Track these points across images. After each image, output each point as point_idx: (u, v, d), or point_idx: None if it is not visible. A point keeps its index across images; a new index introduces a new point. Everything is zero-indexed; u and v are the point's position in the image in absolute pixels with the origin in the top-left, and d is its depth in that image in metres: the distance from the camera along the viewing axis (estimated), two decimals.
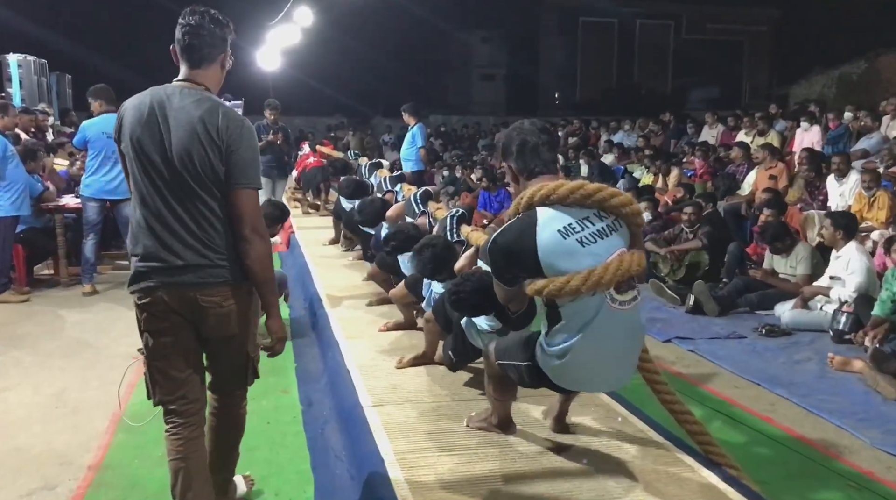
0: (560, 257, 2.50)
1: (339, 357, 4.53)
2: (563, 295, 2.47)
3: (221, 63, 2.60)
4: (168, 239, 2.45)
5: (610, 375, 2.72)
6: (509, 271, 2.63)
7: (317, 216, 11.14)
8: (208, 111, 2.43)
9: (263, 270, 2.50)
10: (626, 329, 2.62)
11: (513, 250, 2.56)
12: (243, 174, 2.44)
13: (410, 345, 4.76)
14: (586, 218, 2.54)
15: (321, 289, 6.29)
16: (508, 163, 2.77)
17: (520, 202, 2.62)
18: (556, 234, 2.51)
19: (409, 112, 10.10)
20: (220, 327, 2.52)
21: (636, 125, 15.12)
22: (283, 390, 4.53)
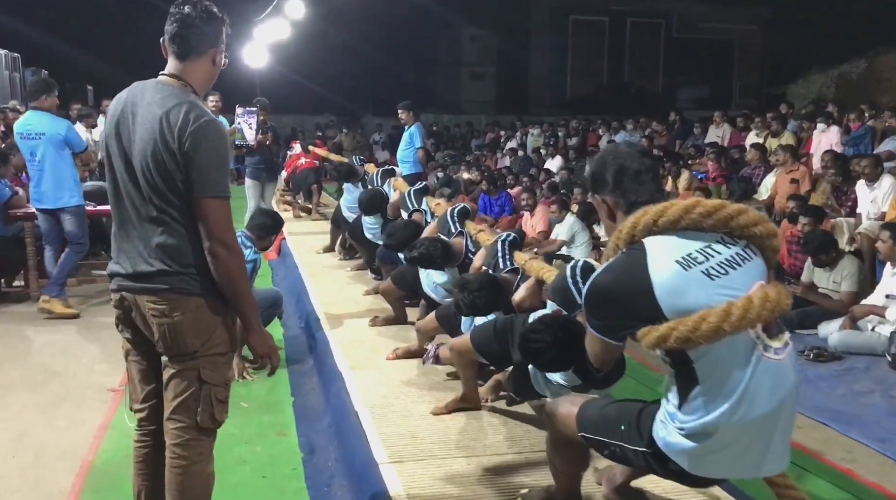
0: (685, 293, 1.91)
1: (344, 396, 3.91)
2: (697, 341, 1.85)
3: (212, 58, 2.39)
4: (126, 244, 2.33)
5: (771, 453, 2.03)
6: (615, 322, 2.03)
7: (308, 221, 10.52)
8: (171, 109, 2.22)
9: (233, 284, 2.27)
10: (785, 386, 1.99)
11: (619, 293, 1.99)
12: (203, 182, 2.21)
13: (428, 380, 4.15)
14: (708, 246, 1.96)
15: (318, 306, 5.67)
16: (602, 196, 2.20)
17: (619, 237, 2.04)
18: (676, 265, 1.93)
19: (406, 110, 9.47)
20: (167, 341, 2.29)
21: (639, 125, 14.61)
22: (279, 433, 3.91)
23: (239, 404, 4.19)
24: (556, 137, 15.91)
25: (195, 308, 2.27)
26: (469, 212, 4.88)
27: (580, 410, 2.35)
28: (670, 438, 2.03)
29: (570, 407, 2.39)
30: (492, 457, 3.24)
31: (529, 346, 2.70)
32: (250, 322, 2.34)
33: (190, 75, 2.34)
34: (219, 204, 2.24)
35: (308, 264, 7.25)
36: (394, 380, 4.13)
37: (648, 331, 1.92)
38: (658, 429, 2.07)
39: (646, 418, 2.15)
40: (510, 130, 18.24)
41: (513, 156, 14.99)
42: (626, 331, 2.01)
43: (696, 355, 1.92)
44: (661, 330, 1.89)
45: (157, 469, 2.42)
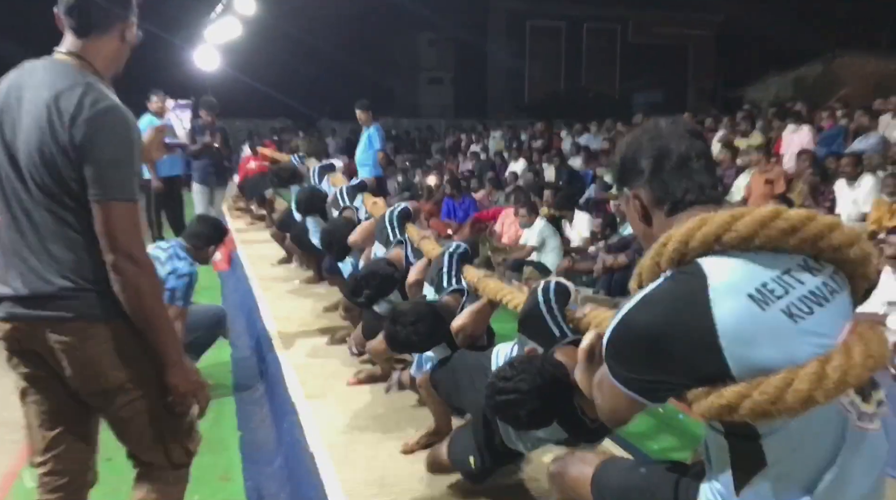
0: (759, 342, 1.35)
1: (297, 433, 3.37)
2: (778, 414, 1.32)
3: (120, 34, 1.99)
4: (14, 259, 1.90)
5: None
6: (656, 377, 1.43)
7: (263, 229, 9.90)
8: (62, 93, 1.83)
9: (142, 307, 1.88)
10: (880, 461, 1.48)
11: (667, 339, 1.39)
12: (101, 182, 1.82)
13: (396, 410, 3.63)
14: (788, 273, 1.41)
15: (271, 324, 5.10)
16: (635, 190, 1.61)
17: (662, 252, 1.47)
18: (749, 302, 1.36)
19: (364, 109, 8.92)
20: (82, 377, 1.92)
21: (603, 126, 14.31)
22: (222, 477, 3.35)
23: None
24: (518, 139, 15.53)
25: (111, 335, 1.91)
26: (411, 214, 4.24)
27: (597, 473, 1.81)
28: None
29: (582, 468, 1.85)
30: None
31: (499, 399, 2.16)
32: (167, 354, 1.94)
33: (92, 54, 1.95)
34: (122, 209, 1.84)
35: (261, 277, 6.66)
36: (356, 411, 3.61)
37: (706, 395, 1.36)
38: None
39: (685, 491, 1.62)
40: (471, 134, 17.83)
41: (475, 159, 14.55)
42: (669, 391, 1.44)
43: (767, 429, 1.38)
44: (728, 397, 1.34)
45: None
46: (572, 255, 7.47)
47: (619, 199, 1.73)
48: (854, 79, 17.23)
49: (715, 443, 1.49)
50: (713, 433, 1.48)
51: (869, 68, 17.59)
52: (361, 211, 4.98)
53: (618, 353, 1.48)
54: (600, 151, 12.63)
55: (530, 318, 2.40)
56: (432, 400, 3.10)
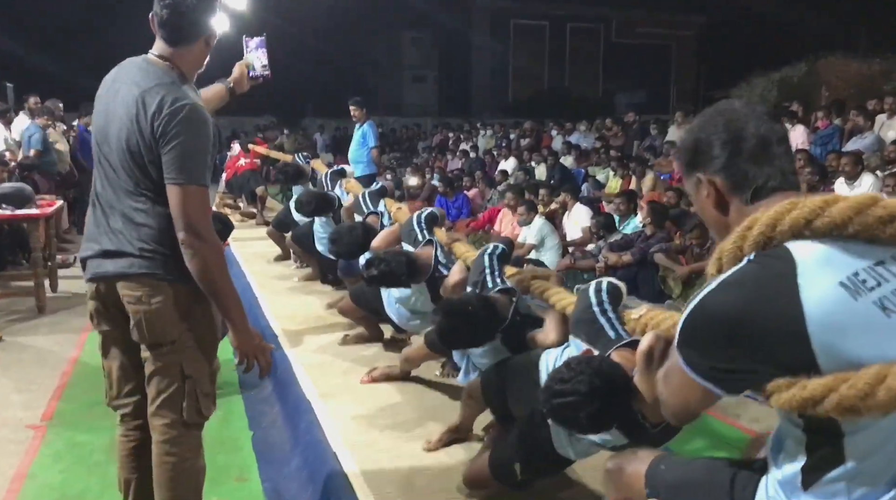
0: (850, 333, 1.28)
1: (317, 432, 3.27)
2: (868, 411, 1.24)
3: (205, 42, 2.27)
4: (104, 228, 2.22)
5: None
6: (734, 365, 1.35)
7: (254, 226, 9.76)
8: (149, 90, 2.12)
9: (210, 278, 2.12)
10: None
11: (750, 322, 1.30)
12: (176, 167, 2.10)
13: (414, 407, 3.55)
14: (881, 264, 1.32)
15: (274, 322, 4.99)
16: (708, 175, 1.51)
17: (746, 236, 1.39)
18: (841, 289, 1.29)
19: (358, 106, 8.83)
20: (144, 328, 2.19)
21: (594, 126, 14.31)
22: (238, 478, 3.25)
23: None
24: (507, 138, 15.48)
25: (173, 295, 2.17)
26: (438, 217, 4.18)
27: (651, 468, 1.74)
28: None
29: (637, 465, 1.77)
30: None
31: (557, 402, 2.07)
32: (231, 319, 2.18)
33: (179, 60, 2.22)
34: (191, 191, 2.09)
35: (258, 274, 6.54)
36: (373, 410, 3.52)
37: (788, 386, 1.28)
38: None
39: (744, 487, 1.54)
40: (459, 132, 17.76)
41: (465, 158, 14.48)
42: (747, 380, 1.35)
43: (852, 427, 1.30)
44: (812, 390, 1.25)
45: (144, 463, 2.33)
46: (571, 251, 7.43)
47: (687, 184, 1.60)
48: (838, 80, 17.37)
49: (790, 436, 1.41)
50: (790, 425, 1.40)
51: (852, 70, 17.73)
52: (385, 217, 4.89)
53: (693, 338, 1.39)
54: (591, 150, 12.64)
55: (583, 321, 2.34)
56: (473, 406, 3.01)
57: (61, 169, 9.01)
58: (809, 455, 1.38)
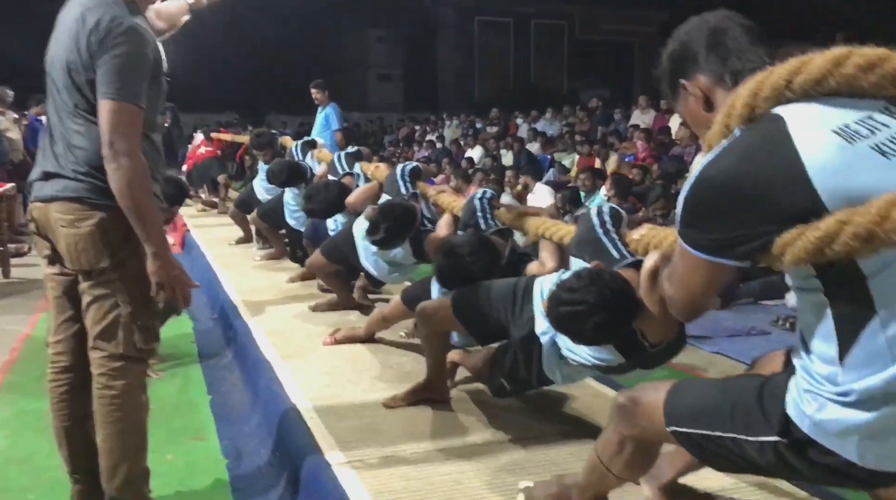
0: (853, 172, 1.24)
1: (276, 389, 3.15)
2: (886, 238, 1.18)
3: None
4: (48, 152, 2.18)
5: None
6: (741, 228, 1.30)
7: (216, 215, 9.56)
8: (91, 9, 2.08)
9: (131, 197, 2.06)
10: None
11: (751, 181, 1.28)
12: (107, 82, 2.04)
13: (381, 366, 3.45)
14: (870, 117, 1.30)
15: (235, 295, 4.85)
16: (695, 76, 1.49)
17: (730, 113, 1.36)
18: (834, 136, 1.26)
19: (320, 88, 8.71)
20: (73, 253, 2.13)
21: (561, 113, 14.36)
22: (195, 437, 3.13)
23: None
24: (474, 127, 15.45)
25: (106, 220, 2.11)
26: (422, 171, 4.14)
27: (668, 397, 1.64)
28: (825, 413, 1.34)
29: (654, 395, 1.68)
30: (476, 449, 2.57)
31: (564, 310, 2.06)
32: (150, 244, 2.09)
33: None
34: (122, 108, 2.03)
35: (219, 256, 6.37)
36: (338, 368, 3.40)
37: (799, 235, 1.23)
38: (799, 404, 1.39)
39: (772, 393, 1.47)
40: (425, 125, 17.71)
41: (432, 148, 14.41)
42: (755, 241, 1.30)
43: (872, 267, 1.25)
44: (825, 228, 1.21)
45: (78, 410, 2.27)
46: None
47: (676, 104, 1.59)
48: None
49: (811, 307, 1.35)
50: (809, 294, 1.34)
51: None
52: (361, 179, 4.79)
53: (695, 215, 1.36)
54: (557, 137, 12.66)
55: (587, 242, 2.34)
56: (433, 343, 2.90)
57: (14, 158, 8.75)
58: (837, 315, 1.31)
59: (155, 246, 2.09)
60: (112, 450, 2.21)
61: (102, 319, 2.16)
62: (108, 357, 2.18)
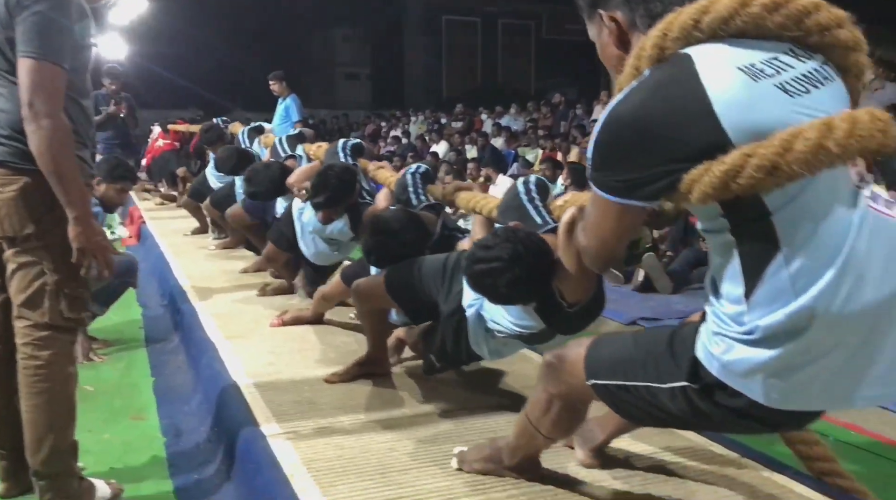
0: (757, 107, 1.25)
1: (217, 366, 3.10)
2: (788, 170, 1.19)
3: None
4: None
5: (874, 371, 1.32)
6: (649, 166, 1.29)
7: (174, 209, 9.42)
8: None
9: (50, 158, 1.99)
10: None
11: (658, 117, 1.28)
12: (27, 39, 1.97)
13: (324, 345, 3.42)
14: (775, 58, 1.31)
15: (184, 280, 4.78)
16: (609, 11, 1.47)
17: (640, 55, 1.36)
18: (739, 73, 1.27)
19: (278, 80, 8.64)
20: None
21: (525, 109, 14.42)
22: (134, 416, 3.07)
23: (82, 388, 3.31)
24: (439, 123, 15.45)
25: (30, 184, 2.04)
26: (364, 148, 4.12)
27: (588, 351, 1.64)
28: (732, 354, 1.34)
29: (577, 350, 1.68)
30: (413, 419, 2.55)
31: (478, 268, 2.06)
32: (71, 209, 2.02)
33: None
34: (43, 67, 1.96)
35: (173, 245, 6.28)
36: (282, 348, 3.36)
37: (705, 170, 1.23)
38: (708, 347, 1.39)
39: (682, 340, 1.47)
40: (391, 120, 17.68)
41: (397, 143, 14.38)
42: (663, 180, 1.29)
43: (777, 201, 1.25)
44: (730, 161, 1.21)
45: (4, 383, 2.20)
46: None
47: (590, 28, 1.56)
48: None
49: (719, 248, 1.36)
50: (717, 236, 1.35)
51: None
52: (304, 160, 4.73)
53: (604, 155, 1.35)
54: (521, 132, 12.71)
55: (511, 208, 2.34)
56: (371, 319, 2.88)
57: None
58: (743, 259, 1.31)
59: (76, 210, 2.03)
60: (37, 422, 2.14)
61: (27, 287, 2.09)
62: (33, 326, 2.11)
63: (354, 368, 2.93)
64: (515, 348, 2.52)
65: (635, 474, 2.10)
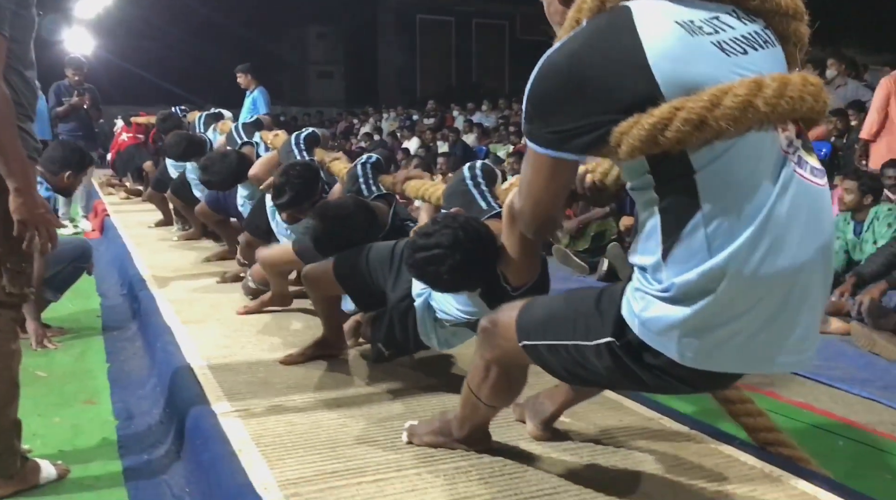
0: (691, 61, 1.26)
1: (172, 350, 3.07)
2: (716, 126, 1.20)
3: None
4: None
5: (795, 335, 1.34)
6: (581, 116, 1.29)
7: (139, 203, 9.31)
8: None
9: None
10: (824, 230, 1.35)
11: (592, 65, 1.28)
12: None
13: (281, 328, 3.40)
14: (716, 17, 1.32)
15: (145, 270, 4.71)
16: None
17: (581, 6, 1.37)
18: (677, 27, 1.28)
19: (244, 72, 8.55)
20: None
21: (497, 105, 14.45)
22: (87, 401, 3.02)
23: (34, 374, 3.26)
24: (411, 119, 15.43)
25: None
26: (319, 138, 4.06)
27: (520, 313, 1.65)
28: (650, 311, 1.35)
29: (509, 313, 1.68)
30: (366, 398, 2.54)
31: (420, 256, 2.03)
32: (11, 179, 1.96)
33: None
34: None
35: (136, 236, 6.20)
36: (239, 332, 3.33)
37: (635, 122, 1.24)
38: (630, 304, 1.39)
39: (610, 298, 1.48)
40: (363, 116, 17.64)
41: (368, 140, 14.33)
42: (594, 132, 1.29)
43: (702, 159, 1.26)
44: (659, 114, 1.22)
45: None
46: None
47: None
48: None
49: (644, 206, 1.36)
50: (643, 193, 1.36)
51: None
52: (261, 147, 4.68)
53: (537, 104, 1.35)
54: (492, 129, 12.73)
55: (456, 194, 2.33)
56: (323, 302, 2.86)
57: None
58: (664, 217, 1.31)
59: (17, 182, 1.97)
60: None
61: None
62: None
63: (310, 349, 2.91)
64: (465, 336, 2.50)
65: (585, 446, 2.10)
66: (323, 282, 2.78)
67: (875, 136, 5.90)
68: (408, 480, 1.90)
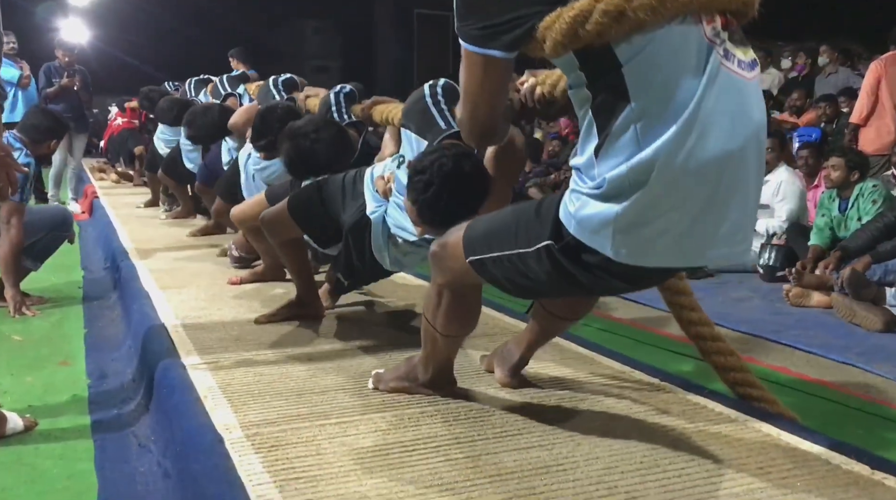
0: None
1: (149, 310, 3.05)
2: (635, 17, 1.21)
3: None
4: None
5: (726, 227, 1.36)
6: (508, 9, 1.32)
7: (131, 187, 9.29)
8: None
9: None
10: (752, 120, 1.36)
11: None
12: None
13: (260, 292, 3.39)
14: None
15: (129, 243, 4.69)
16: None
17: None
18: None
19: (238, 58, 8.49)
20: None
21: None
22: (61, 362, 3.00)
23: (10, 337, 3.25)
24: None
25: None
26: (297, 83, 4.05)
27: (466, 230, 1.65)
28: (584, 210, 1.36)
29: (457, 232, 1.68)
30: (338, 353, 2.52)
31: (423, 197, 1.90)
32: None
33: None
34: None
35: (122, 215, 6.18)
36: (218, 296, 3.31)
37: (557, 17, 1.27)
38: (566, 205, 1.42)
39: (549, 204, 1.50)
40: None
41: None
42: (521, 28, 1.32)
43: (626, 52, 1.27)
44: (578, 8, 1.25)
45: None
46: None
47: None
48: None
49: (579, 105, 1.37)
50: (578, 92, 1.36)
51: None
52: (245, 99, 4.66)
53: (467, 4, 1.36)
54: None
55: (415, 111, 2.26)
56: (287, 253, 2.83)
57: None
58: (596, 114, 1.33)
59: None
60: None
61: None
62: None
63: (285, 309, 2.89)
64: (416, 259, 2.50)
65: (553, 393, 2.09)
66: (279, 222, 2.74)
67: (865, 120, 5.87)
68: (372, 422, 1.88)
